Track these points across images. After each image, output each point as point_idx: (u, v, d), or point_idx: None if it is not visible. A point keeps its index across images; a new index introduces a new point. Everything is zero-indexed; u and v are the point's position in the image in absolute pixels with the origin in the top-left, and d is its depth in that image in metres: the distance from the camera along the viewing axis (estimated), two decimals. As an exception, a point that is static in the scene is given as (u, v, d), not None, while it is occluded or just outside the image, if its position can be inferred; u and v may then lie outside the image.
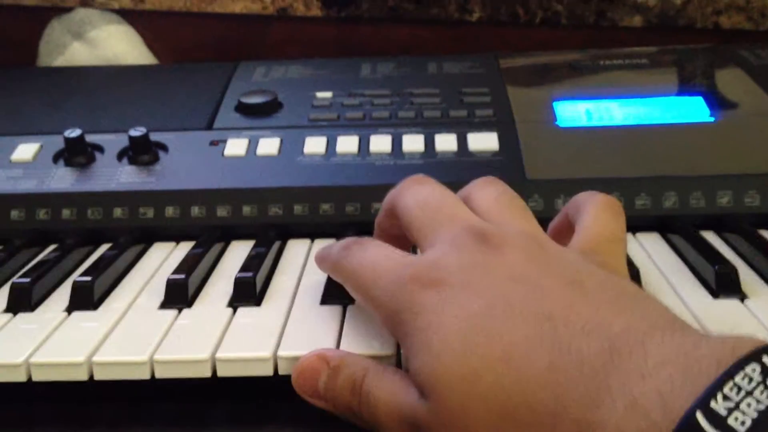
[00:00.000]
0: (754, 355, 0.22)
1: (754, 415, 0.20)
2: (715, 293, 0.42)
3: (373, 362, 0.34)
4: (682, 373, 0.23)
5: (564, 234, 0.39)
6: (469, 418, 0.27)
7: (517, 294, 0.29)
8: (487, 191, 0.38)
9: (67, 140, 0.56)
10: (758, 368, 0.21)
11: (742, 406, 0.20)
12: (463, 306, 0.29)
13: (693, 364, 0.23)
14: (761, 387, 0.21)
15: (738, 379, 0.21)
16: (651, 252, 0.48)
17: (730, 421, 0.20)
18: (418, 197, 0.37)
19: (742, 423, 0.20)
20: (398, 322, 0.32)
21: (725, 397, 0.21)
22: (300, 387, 0.35)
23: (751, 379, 0.21)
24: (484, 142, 0.57)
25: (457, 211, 0.35)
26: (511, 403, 0.26)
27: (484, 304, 0.29)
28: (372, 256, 0.35)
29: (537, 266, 0.30)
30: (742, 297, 0.42)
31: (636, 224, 0.51)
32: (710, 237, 0.50)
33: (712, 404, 0.21)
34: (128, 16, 0.83)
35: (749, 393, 0.21)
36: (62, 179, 0.55)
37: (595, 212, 0.36)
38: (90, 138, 0.58)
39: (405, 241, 0.39)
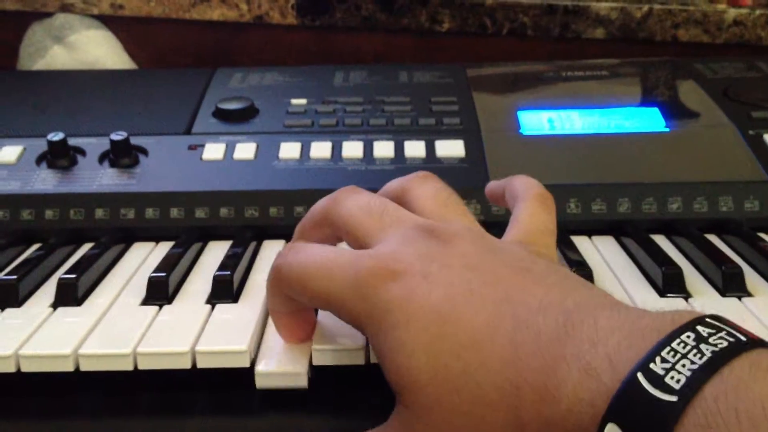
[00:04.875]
0: (690, 324, 0.25)
1: (688, 374, 0.23)
2: (662, 292, 0.46)
3: None
4: (628, 340, 0.25)
5: (496, 199, 0.43)
6: (443, 410, 0.28)
7: (474, 282, 0.30)
8: (425, 188, 0.39)
9: (51, 143, 0.58)
10: (693, 335, 0.24)
11: (678, 366, 0.23)
12: (426, 297, 0.30)
13: (637, 333, 0.26)
14: (694, 350, 0.24)
15: (674, 344, 0.24)
16: (605, 254, 0.51)
17: (667, 379, 0.23)
18: (360, 203, 0.37)
19: (677, 381, 0.23)
20: (364, 320, 0.32)
21: (663, 360, 0.24)
22: None
23: (686, 344, 0.24)
24: (451, 149, 0.59)
25: (399, 214, 0.36)
26: (479, 386, 0.28)
27: (445, 294, 0.30)
28: (319, 254, 0.34)
29: (487, 256, 0.32)
30: (687, 296, 0.45)
31: (592, 228, 0.55)
32: (661, 240, 0.53)
33: (652, 366, 0.24)
34: (108, 21, 0.84)
35: (684, 356, 0.24)
36: (45, 181, 0.57)
37: (530, 206, 0.39)
38: (72, 141, 0.60)
39: None
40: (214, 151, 0.60)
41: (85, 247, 0.54)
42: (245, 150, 0.60)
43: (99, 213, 0.55)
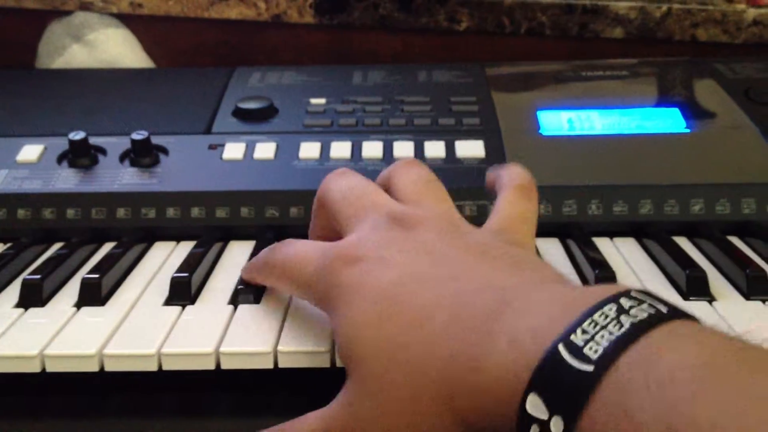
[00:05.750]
0: (613, 297, 0.26)
1: (605, 344, 0.24)
2: (686, 295, 0.45)
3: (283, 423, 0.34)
4: (554, 313, 0.26)
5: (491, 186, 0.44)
6: (384, 381, 0.30)
7: (425, 264, 0.32)
8: (408, 174, 0.41)
9: (72, 142, 0.58)
10: (615, 307, 0.25)
11: (597, 337, 0.24)
12: (379, 278, 0.32)
13: (563, 306, 0.26)
14: (614, 322, 0.24)
15: (596, 316, 0.25)
16: (627, 256, 0.51)
17: (585, 350, 0.24)
18: (341, 187, 0.40)
19: (595, 351, 0.24)
20: (327, 300, 0.35)
21: (584, 331, 0.24)
22: None
23: (607, 316, 0.25)
24: (471, 149, 0.59)
25: (376, 199, 0.39)
26: (418, 359, 0.29)
27: (396, 275, 0.32)
28: (299, 248, 0.39)
29: (447, 241, 0.34)
30: (711, 299, 0.45)
31: (613, 229, 0.54)
32: (683, 243, 0.53)
33: (572, 337, 0.24)
34: (126, 20, 0.85)
35: (603, 327, 0.24)
36: (67, 180, 0.57)
37: (510, 195, 0.40)
38: (92, 140, 0.60)
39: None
40: (234, 150, 0.60)
41: (107, 246, 0.55)
42: (265, 150, 0.60)
43: (120, 212, 0.55)
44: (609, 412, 0.22)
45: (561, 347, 0.24)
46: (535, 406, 0.24)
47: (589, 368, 0.23)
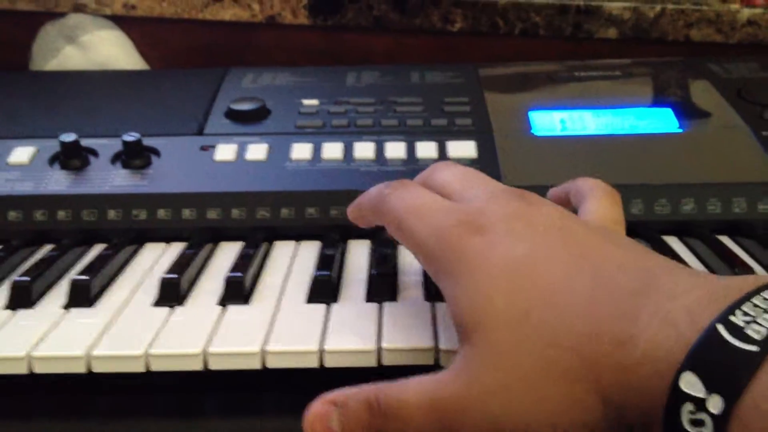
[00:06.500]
0: None
1: None
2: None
3: (378, 382, 0.33)
4: (708, 296, 0.26)
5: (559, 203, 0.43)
6: (514, 352, 0.29)
7: (556, 240, 0.32)
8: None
9: (63, 144, 0.58)
10: None
11: (759, 319, 0.24)
12: (508, 251, 0.32)
13: (717, 290, 0.26)
14: None
15: (756, 300, 0.25)
16: (618, 256, 0.51)
17: (748, 330, 0.24)
18: (455, 170, 0.40)
19: (758, 332, 0.24)
20: (443, 264, 0.34)
21: (744, 313, 0.24)
22: None
23: (767, 300, 0.25)
24: (463, 149, 0.59)
25: (488, 178, 0.39)
26: (557, 334, 0.29)
27: (527, 249, 0.32)
28: (417, 198, 0.37)
29: (571, 220, 0.34)
30: (700, 298, 0.45)
31: (604, 229, 0.54)
32: (673, 242, 0.53)
33: (732, 318, 0.24)
34: (120, 21, 0.85)
35: (765, 310, 0.24)
36: (58, 182, 0.57)
37: (598, 199, 0.40)
38: (84, 142, 0.60)
39: None
40: (226, 152, 0.60)
41: (98, 248, 0.54)
42: (257, 151, 0.60)
43: (111, 214, 0.55)
44: None
45: (721, 327, 0.24)
46: (691, 384, 0.24)
47: (754, 348, 0.23)
